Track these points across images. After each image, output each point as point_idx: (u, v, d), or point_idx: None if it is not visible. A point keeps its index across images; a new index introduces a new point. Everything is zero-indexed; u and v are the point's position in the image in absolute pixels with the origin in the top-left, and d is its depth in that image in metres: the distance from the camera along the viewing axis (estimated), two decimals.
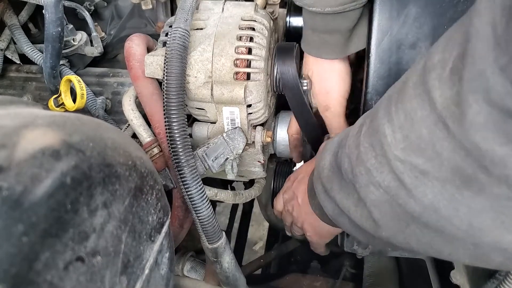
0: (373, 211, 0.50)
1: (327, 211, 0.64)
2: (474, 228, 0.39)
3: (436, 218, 0.42)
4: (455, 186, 0.38)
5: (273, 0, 0.91)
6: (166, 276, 0.59)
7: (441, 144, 0.38)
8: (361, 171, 0.50)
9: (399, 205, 0.45)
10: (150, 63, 0.76)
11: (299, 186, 0.79)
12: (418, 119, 0.40)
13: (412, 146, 0.41)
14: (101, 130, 0.45)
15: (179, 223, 0.82)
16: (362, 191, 0.51)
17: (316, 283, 1.21)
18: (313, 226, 0.78)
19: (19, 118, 0.38)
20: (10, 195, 0.32)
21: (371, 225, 0.53)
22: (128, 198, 0.45)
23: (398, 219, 0.47)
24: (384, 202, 0.48)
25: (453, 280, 0.80)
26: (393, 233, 0.50)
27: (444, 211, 0.40)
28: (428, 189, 0.41)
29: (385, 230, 0.51)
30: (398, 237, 0.49)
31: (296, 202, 0.80)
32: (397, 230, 0.49)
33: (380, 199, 0.48)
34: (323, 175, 0.63)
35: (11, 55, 0.98)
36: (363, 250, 0.95)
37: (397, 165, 0.44)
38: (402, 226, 0.47)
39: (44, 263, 0.33)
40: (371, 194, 0.49)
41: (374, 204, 0.50)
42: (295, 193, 0.80)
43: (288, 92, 0.81)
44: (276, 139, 0.90)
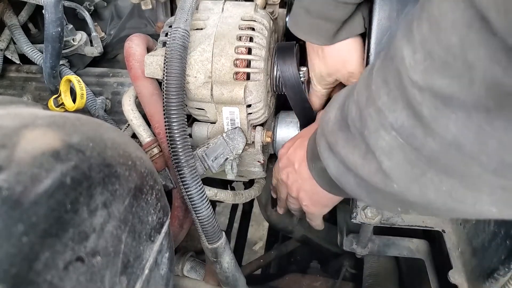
0: (383, 160, 0.45)
1: (330, 170, 0.58)
2: (506, 166, 0.35)
3: (459, 158, 0.37)
4: (484, 115, 0.33)
5: (273, 0, 0.91)
6: (166, 276, 0.59)
7: (476, 52, 0.31)
8: (370, 113, 0.45)
9: (414, 150, 0.41)
10: (150, 63, 0.76)
11: (295, 152, 0.76)
12: (447, 25, 0.33)
13: (435, 64, 0.35)
14: (101, 130, 0.45)
15: (179, 223, 0.82)
16: (371, 138, 0.46)
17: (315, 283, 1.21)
18: (310, 193, 0.74)
19: (19, 118, 0.38)
20: (10, 195, 0.32)
21: (381, 179, 0.47)
22: (128, 198, 0.45)
23: (412, 167, 0.42)
24: (396, 148, 0.43)
25: (451, 279, 0.80)
26: (406, 185, 0.45)
27: (470, 147, 0.35)
28: (451, 122, 0.35)
29: (397, 183, 0.46)
30: (413, 189, 0.44)
31: (292, 169, 0.76)
32: (411, 181, 0.44)
33: (391, 144, 0.43)
34: (327, 130, 0.58)
35: (11, 55, 0.98)
36: (362, 249, 0.95)
37: (414, 94, 0.38)
38: (417, 175, 0.43)
39: (44, 263, 0.33)
40: (381, 140, 0.44)
41: (385, 152, 0.45)
42: (290, 160, 0.76)
43: (289, 91, 0.81)
44: (276, 139, 0.90)
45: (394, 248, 0.99)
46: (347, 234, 0.98)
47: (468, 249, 0.80)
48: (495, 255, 0.70)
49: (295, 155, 0.76)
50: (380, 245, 0.98)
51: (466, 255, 0.81)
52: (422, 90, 0.37)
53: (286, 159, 0.78)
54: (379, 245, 0.98)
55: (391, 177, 0.46)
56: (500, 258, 0.68)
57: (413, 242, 0.99)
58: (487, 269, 0.72)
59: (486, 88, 0.32)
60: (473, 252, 0.78)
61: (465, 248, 0.81)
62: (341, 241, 0.99)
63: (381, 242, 0.99)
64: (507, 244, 0.67)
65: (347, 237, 0.97)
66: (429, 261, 0.97)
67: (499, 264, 0.68)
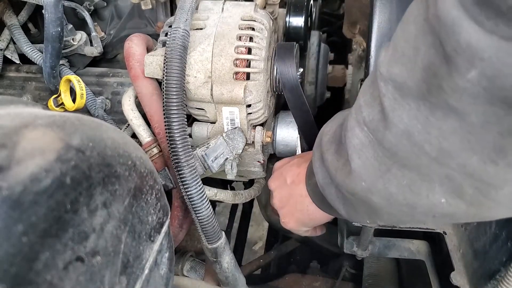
0: (354, 159, 0.50)
1: (318, 179, 0.61)
2: (444, 152, 0.39)
3: (410, 149, 0.42)
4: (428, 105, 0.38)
5: (272, 0, 0.91)
6: (165, 276, 0.59)
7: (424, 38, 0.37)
8: (352, 112, 0.51)
9: (379, 145, 0.45)
10: (150, 63, 0.76)
11: (290, 168, 0.76)
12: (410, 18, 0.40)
13: (397, 54, 0.41)
14: (101, 130, 0.45)
15: (179, 223, 0.82)
16: (348, 137, 0.51)
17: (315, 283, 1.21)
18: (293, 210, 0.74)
19: (19, 118, 0.38)
20: (10, 195, 0.32)
21: (352, 180, 0.52)
22: (127, 198, 0.45)
23: (379, 164, 0.47)
24: (367, 145, 0.48)
25: (453, 281, 0.80)
26: (373, 182, 0.49)
27: (418, 136, 0.41)
28: (405, 112, 0.41)
29: (365, 180, 0.50)
30: (378, 184, 0.48)
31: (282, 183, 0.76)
32: (377, 177, 0.48)
33: (363, 141, 0.48)
34: (323, 140, 0.61)
35: (10, 55, 0.98)
36: (363, 252, 0.95)
37: (381, 87, 0.43)
38: (382, 172, 0.47)
39: (44, 263, 0.33)
40: (355, 138, 0.49)
41: (356, 150, 0.49)
42: (283, 174, 0.77)
43: (287, 92, 0.81)
44: (275, 139, 0.90)
45: (395, 249, 0.98)
46: (347, 236, 0.97)
47: (470, 251, 0.80)
48: (497, 257, 0.70)
49: (288, 171, 0.76)
50: (380, 247, 0.98)
51: (467, 257, 0.81)
52: (386, 81, 0.43)
53: (279, 173, 0.78)
54: (380, 247, 0.98)
55: (361, 175, 0.50)
56: (501, 260, 0.68)
57: (413, 244, 0.99)
58: (489, 271, 0.72)
59: (423, 69, 0.38)
60: (474, 254, 0.78)
61: (467, 250, 0.81)
62: (341, 243, 0.99)
63: (382, 244, 0.98)
64: (508, 246, 0.67)
65: (348, 240, 0.97)
66: (429, 262, 0.97)
67: (501, 266, 0.68)
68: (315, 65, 1.05)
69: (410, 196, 0.46)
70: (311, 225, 0.78)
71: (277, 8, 0.92)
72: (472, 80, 0.34)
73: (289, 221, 0.77)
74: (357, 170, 0.50)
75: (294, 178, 0.74)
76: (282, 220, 0.78)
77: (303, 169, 0.73)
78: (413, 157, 0.43)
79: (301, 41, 0.95)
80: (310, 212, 0.72)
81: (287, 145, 0.90)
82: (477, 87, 0.34)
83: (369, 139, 0.47)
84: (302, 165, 0.74)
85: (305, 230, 0.79)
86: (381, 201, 0.50)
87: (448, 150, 0.39)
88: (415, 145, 0.41)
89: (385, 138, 0.44)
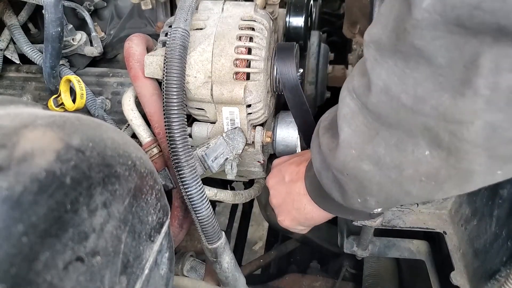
0: (344, 128, 0.52)
1: (316, 165, 0.62)
2: (418, 99, 0.42)
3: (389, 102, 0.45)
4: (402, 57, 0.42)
5: (272, 0, 0.91)
6: (165, 276, 0.59)
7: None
8: (344, 85, 0.53)
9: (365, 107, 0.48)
10: (150, 63, 0.76)
11: (289, 166, 0.77)
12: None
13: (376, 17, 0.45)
14: (101, 130, 0.45)
15: (179, 223, 0.82)
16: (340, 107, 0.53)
17: (315, 283, 1.21)
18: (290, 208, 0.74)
19: (19, 118, 0.38)
20: (10, 195, 0.32)
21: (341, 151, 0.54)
22: (127, 198, 0.45)
23: (368, 129, 0.49)
24: (357, 112, 0.50)
25: (453, 281, 0.80)
26: (361, 148, 0.51)
27: (395, 88, 0.43)
28: (383, 70, 0.44)
29: (354, 147, 0.52)
30: (367, 149, 0.50)
31: (280, 180, 0.76)
32: (365, 142, 0.50)
33: (353, 109, 0.50)
34: (321, 126, 0.62)
35: (10, 55, 0.98)
36: (363, 251, 0.95)
37: (365, 53, 0.47)
38: (371, 136, 0.49)
39: (44, 263, 0.33)
40: (346, 107, 0.51)
41: (347, 119, 0.52)
42: (281, 171, 0.77)
43: (287, 92, 0.81)
44: (275, 139, 0.90)
45: (395, 249, 0.99)
46: (347, 236, 0.97)
47: (470, 251, 0.80)
48: (497, 257, 0.70)
49: (287, 169, 0.76)
50: (380, 246, 0.98)
51: (468, 257, 0.81)
52: (368, 45, 0.46)
53: (278, 170, 0.78)
54: (380, 246, 0.98)
55: (350, 143, 0.52)
56: (501, 259, 0.68)
57: (413, 243, 0.99)
58: (489, 270, 0.72)
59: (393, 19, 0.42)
60: (474, 253, 0.78)
61: (467, 249, 0.81)
62: (341, 243, 0.99)
63: (382, 243, 0.98)
64: (508, 245, 0.67)
65: (348, 239, 0.97)
66: (429, 262, 0.97)
67: (501, 265, 0.68)
68: (315, 65, 1.05)
69: (397, 155, 0.48)
70: (306, 225, 0.77)
71: (277, 8, 0.92)
72: (428, 9, 0.37)
73: (285, 219, 0.77)
74: (346, 139, 0.53)
75: (292, 176, 0.74)
76: (279, 218, 0.78)
77: (302, 167, 0.73)
78: (392, 112, 0.45)
79: (301, 41, 0.95)
80: (307, 211, 0.72)
81: (287, 145, 0.90)
82: (433, 15, 0.37)
83: (358, 106, 0.50)
84: (301, 163, 0.74)
85: (301, 229, 0.79)
86: (371, 167, 0.51)
87: (422, 96, 0.42)
88: (393, 99, 0.44)
89: (369, 100, 0.47)
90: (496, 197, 0.73)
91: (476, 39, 0.36)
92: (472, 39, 0.36)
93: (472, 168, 0.43)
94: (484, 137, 0.40)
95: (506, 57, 0.36)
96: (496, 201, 0.72)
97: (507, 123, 0.39)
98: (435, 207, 0.89)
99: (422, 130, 0.44)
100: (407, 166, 0.48)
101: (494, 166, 0.43)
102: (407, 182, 0.50)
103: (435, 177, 0.47)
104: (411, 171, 0.48)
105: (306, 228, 0.79)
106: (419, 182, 0.49)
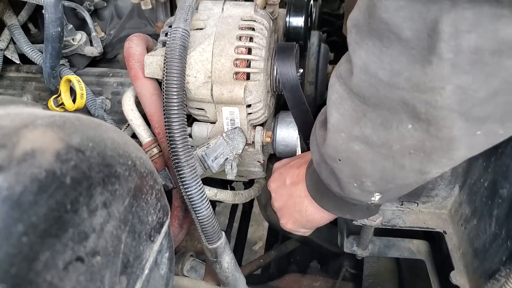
0: (332, 113, 0.54)
1: (314, 158, 0.64)
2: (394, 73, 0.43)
3: (368, 81, 0.46)
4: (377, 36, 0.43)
5: (272, 0, 0.91)
6: (165, 276, 0.59)
7: None
8: (332, 73, 0.55)
9: (351, 90, 0.50)
10: (150, 63, 0.76)
11: (290, 169, 0.77)
12: None
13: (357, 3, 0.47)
14: (101, 130, 0.45)
15: (179, 223, 0.82)
16: (328, 95, 0.55)
17: (315, 283, 1.21)
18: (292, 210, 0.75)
19: (19, 118, 0.38)
20: (10, 195, 0.32)
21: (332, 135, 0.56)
22: (127, 198, 0.45)
23: (356, 113, 0.51)
24: (345, 97, 0.51)
25: (453, 280, 0.80)
26: (350, 130, 0.52)
27: (373, 66, 0.45)
28: (363, 51, 0.46)
29: (343, 129, 0.53)
30: (355, 131, 0.52)
31: (281, 184, 0.77)
32: (353, 124, 0.51)
33: (342, 95, 0.52)
34: (318, 121, 0.64)
35: (10, 55, 0.98)
36: (363, 251, 0.95)
37: (348, 38, 0.49)
38: (359, 118, 0.51)
39: (44, 263, 0.33)
40: (335, 93, 0.53)
41: (335, 104, 0.53)
42: (282, 175, 0.77)
43: (287, 92, 0.81)
44: (275, 139, 0.90)
45: (395, 249, 0.98)
46: (347, 236, 0.97)
47: (470, 250, 0.80)
48: (497, 256, 0.70)
49: (288, 172, 0.76)
50: (380, 246, 0.98)
51: (467, 256, 0.81)
52: (350, 31, 0.48)
53: (279, 174, 0.78)
54: (380, 246, 0.98)
55: (339, 127, 0.54)
56: (501, 259, 0.68)
57: (413, 243, 0.99)
58: (489, 270, 0.72)
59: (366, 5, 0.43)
60: (474, 253, 0.78)
61: (467, 249, 0.81)
62: (341, 242, 0.99)
63: (382, 243, 0.98)
64: (508, 245, 0.67)
65: (348, 239, 0.97)
66: (429, 262, 0.97)
67: (501, 265, 0.68)
68: (315, 65, 1.05)
69: (383, 133, 0.49)
70: (309, 227, 0.78)
71: (277, 8, 0.92)
72: None
73: (288, 222, 0.77)
74: (335, 124, 0.54)
75: (293, 178, 0.74)
76: (281, 221, 0.78)
77: (303, 169, 0.73)
78: (373, 91, 0.46)
79: (301, 41, 0.95)
80: (308, 213, 0.72)
81: (287, 145, 0.90)
82: None
83: (346, 91, 0.51)
84: (301, 165, 0.74)
85: (304, 231, 0.79)
86: (361, 146, 0.53)
87: (397, 69, 0.43)
88: (372, 76, 0.45)
89: (352, 82, 0.49)
90: (495, 197, 0.73)
91: (436, 5, 0.37)
92: (433, 5, 0.38)
93: (453, 134, 0.44)
94: (457, 101, 0.41)
95: (463, 20, 0.37)
96: (496, 200, 0.72)
97: (476, 84, 0.40)
98: (435, 206, 0.89)
99: (402, 105, 0.45)
100: (394, 142, 0.49)
101: (473, 128, 0.44)
102: (397, 156, 0.51)
103: (422, 148, 0.48)
104: (399, 146, 0.49)
105: (308, 230, 0.79)
106: (409, 154, 0.50)
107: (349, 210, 0.67)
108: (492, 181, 0.74)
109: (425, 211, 0.90)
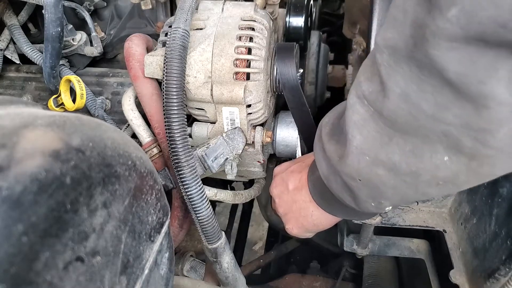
0: (355, 136, 0.52)
1: (322, 170, 0.62)
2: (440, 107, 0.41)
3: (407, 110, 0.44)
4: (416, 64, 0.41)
5: (272, 0, 0.91)
6: (165, 276, 0.59)
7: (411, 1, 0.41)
8: (351, 91, 0.52)
9: (380, 115, 0.47)
10: (150, 63, 0.76)
11: (291, 174, 0.76)
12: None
13: (389, 21, 0.44)
14: (101, 130, 0.45)
15: (179, 223, 0.82)
16: (348, 115, 0.52)
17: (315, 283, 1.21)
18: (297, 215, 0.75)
19: (19, 118, 0.38)
20: (10, 195, 0.32)
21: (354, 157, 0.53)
22: (127, 198, 0.45)
23: (381, 136, 0.49)
24: (368, 118, 0.49)
25: (452, 279, 0.80)
26: (375, 154, 0.50)
27: (414, 96, 0.43)
28: (399, 76, 0.43)
29: (368, 154, 0.51)
30: (381, 155, 0.50)
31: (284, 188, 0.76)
32: (379, 148, 0.50)
33: (364, 116, 0.50)
34: (323, 132, 0.62)
35: (10, 55, 0.98)
36: (363, 250, 0.95)
37: (377, 58, 0.46)
38: (384, 142, 0.49)
39: (44, 263, 0.33)
40: (356, 114, 0.51)
41: (357, 126, 0.51)
42: (284, 179, 0.77)
43: (287, 92, 0.81)
44: (275, 139, 0.90)
45: (395, 248, 0.99)
46: (347, 235, 0.97)
47: (469, 249, 0.80)
48: (496, 256, 0.70)
49: (290, 177, 0.76)
50: (380, 245, 0.98)
51: (467, 255, 0.81)
52: (381, 51, 0.45)
53: (280, 179, 0.78)
54: (380, 245, 0.98)
55: (363, 150, 0.51)
56: (501, 258, 0.69)
57: (413, 242, 0.99)
58: (488, 269, 0.72)
59: (410, 25, 0.41)
60: (474, 252, 0.78)
61: (466, 248, 0.81)
62: (341, 241, 0.99)
63: (382, 242, 0.99)
64: (507, 244, 0.67)
65: (348, 238, 0.97)
66: (429, 261, 0.97)
67: (500, 264, 0.68)
68: (315, 65, 1.05)
69: (413, 161, 0.47)
70: (315, 231, 0.77)
71: (277, 8, 0.92)
72: (451, 20, 0.36)
73: (294, 227, 0.77)
74: (359, 146, 0.52)
75: (296, 183, 0.74)
76: (286, 227, 0.78)
77: (304, 173, 0.73)
78: (411, 119, 0.44)
79: (301, 41, 0.95)
80: (314, 217, 0.72)
81: (287, 145, 0.91)
82: (455, 27, 0.36)
83: (369, 113, 0.49)
84: (303, 170, 0.74)
85: (309, 235, 0.79)
86: (386, 172, 0.51)
87: (443, 104, 0.41)
88: (413, 106, 0.43)
89: (385, 107, 0.46)
90: (495, 196, 0.73)
91: (493, 51, 0.36)
92: (489, 51, 0.36)
93: (495, 171, 0.45)
94: (509, 144, 0.41)
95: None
96: (496, 200, 0.73)
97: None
98: (435, 205, 0.89)
99: (441, 136, 0.44)
100: (424, 172, 0.48)
101: None
102: (423, 185, 0.50)
103: (453, 180, 0.47)
104: (429, 176, 0.48)
105: (313, 233, 0.79)
106: (436, 185, 0.49)
107: (357, 215, 0.68)
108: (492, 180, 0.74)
109: (425, 210, 0.90)
